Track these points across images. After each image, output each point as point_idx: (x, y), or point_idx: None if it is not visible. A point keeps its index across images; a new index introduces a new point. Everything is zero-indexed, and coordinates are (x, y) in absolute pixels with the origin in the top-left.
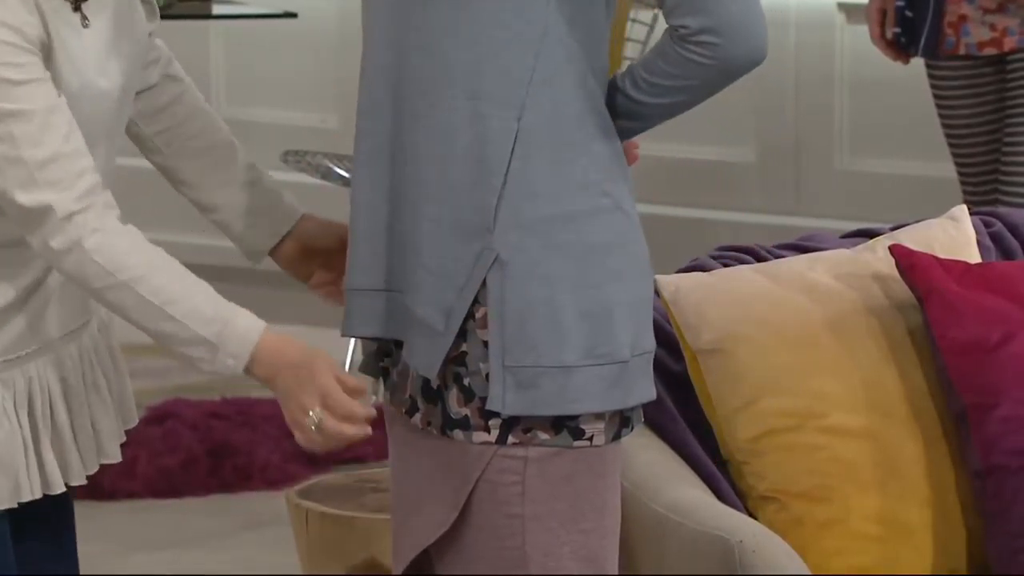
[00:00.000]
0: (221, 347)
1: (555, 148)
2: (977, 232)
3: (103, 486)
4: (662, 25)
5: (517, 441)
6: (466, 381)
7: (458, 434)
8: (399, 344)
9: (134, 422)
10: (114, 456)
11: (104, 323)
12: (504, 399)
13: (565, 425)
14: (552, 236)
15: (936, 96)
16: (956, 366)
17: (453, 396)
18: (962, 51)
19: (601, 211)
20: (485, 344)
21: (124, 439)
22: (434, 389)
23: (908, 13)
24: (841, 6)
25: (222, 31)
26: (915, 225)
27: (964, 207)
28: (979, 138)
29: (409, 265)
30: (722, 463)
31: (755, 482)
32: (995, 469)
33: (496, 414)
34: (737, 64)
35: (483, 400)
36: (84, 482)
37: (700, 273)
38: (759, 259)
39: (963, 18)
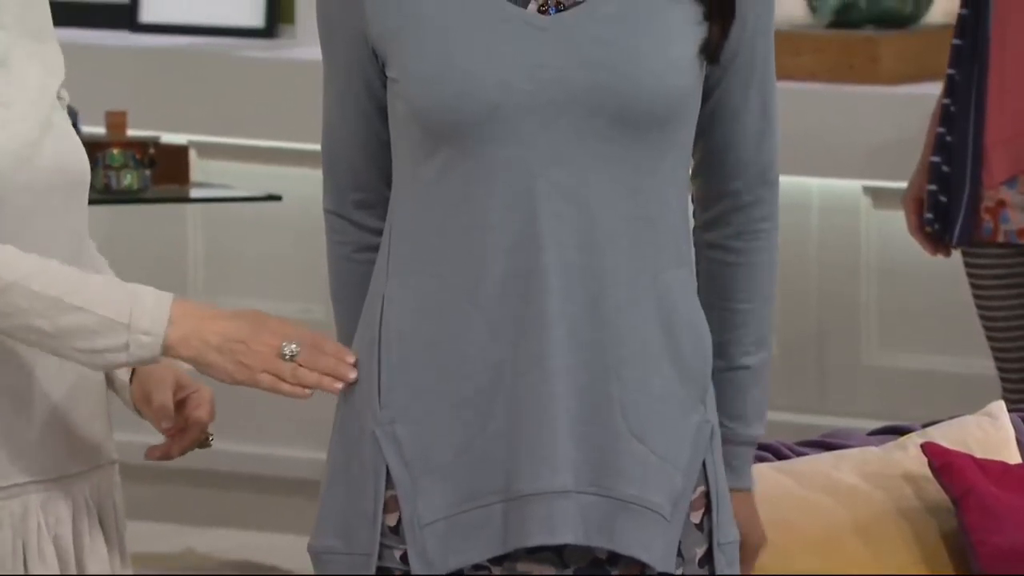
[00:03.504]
0: (133, 324)
1: None
2: (1016, 430)
3: None
4: None
5: None
6: (679, 571)
7: None
8: (505, 556)
9: None
10: None
11: (104, 501)
12: None
13: None
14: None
15: (973, 285)
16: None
17: None
18: (1001, 239)
19: None
20: (697, 527)
21: None
22: None
23: (942, 198)
24: (867, 189)
25: (201, 216)
26: (949, 422)
27: (1002, 403)
28: (1019, 331)
29: (627, 452)
30: None
31: None
32: None
33: None
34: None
35: None
36: None
37: None
38: (781, 457)
39: (1002, 203)
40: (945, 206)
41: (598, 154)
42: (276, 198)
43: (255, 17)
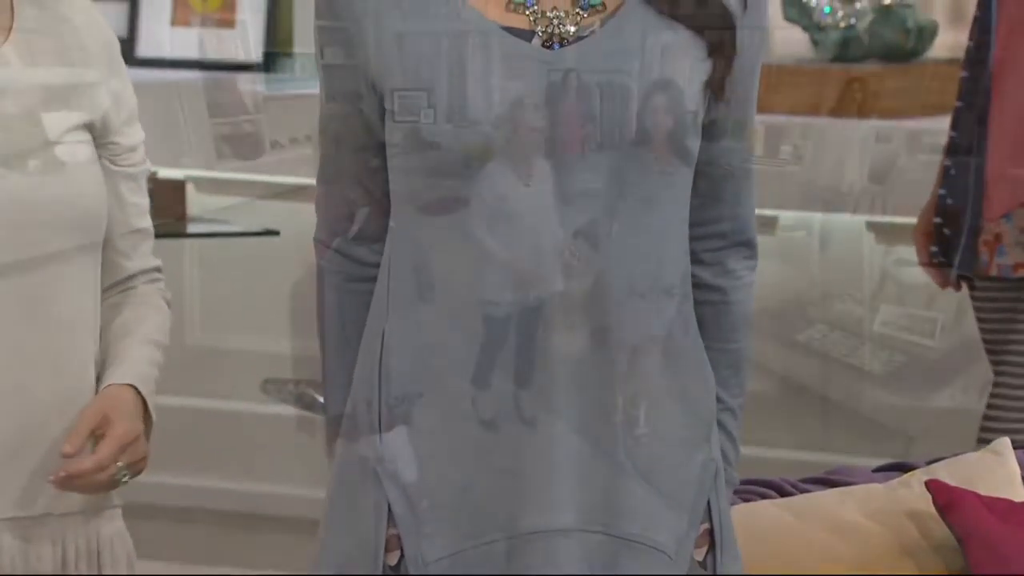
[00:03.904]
0: None
1: None
2: (1022, 467)
3: None
4: None
5: None
6: None
7: None
8: None
9: None
10: None
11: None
12: None
13: None
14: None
15: (977, 319)
16: None
17: None
18: (994, 272)
19: None
20: (701, 565)
21: None
22: None
23: (946, 231)
24: (870, 224)
25: (197, 251)
26: (954, 459)
27: (1007, 440)
28: (1021, 367)
29: (631, 490)
30: None
31: None
32: None
33: None
34: None
35: None
36: None
37: None
38: (784, 494)
39: (999, 237)
40: (948, 238)
41: (601, 187)
42: (274, 233)
43: (253, 51)
